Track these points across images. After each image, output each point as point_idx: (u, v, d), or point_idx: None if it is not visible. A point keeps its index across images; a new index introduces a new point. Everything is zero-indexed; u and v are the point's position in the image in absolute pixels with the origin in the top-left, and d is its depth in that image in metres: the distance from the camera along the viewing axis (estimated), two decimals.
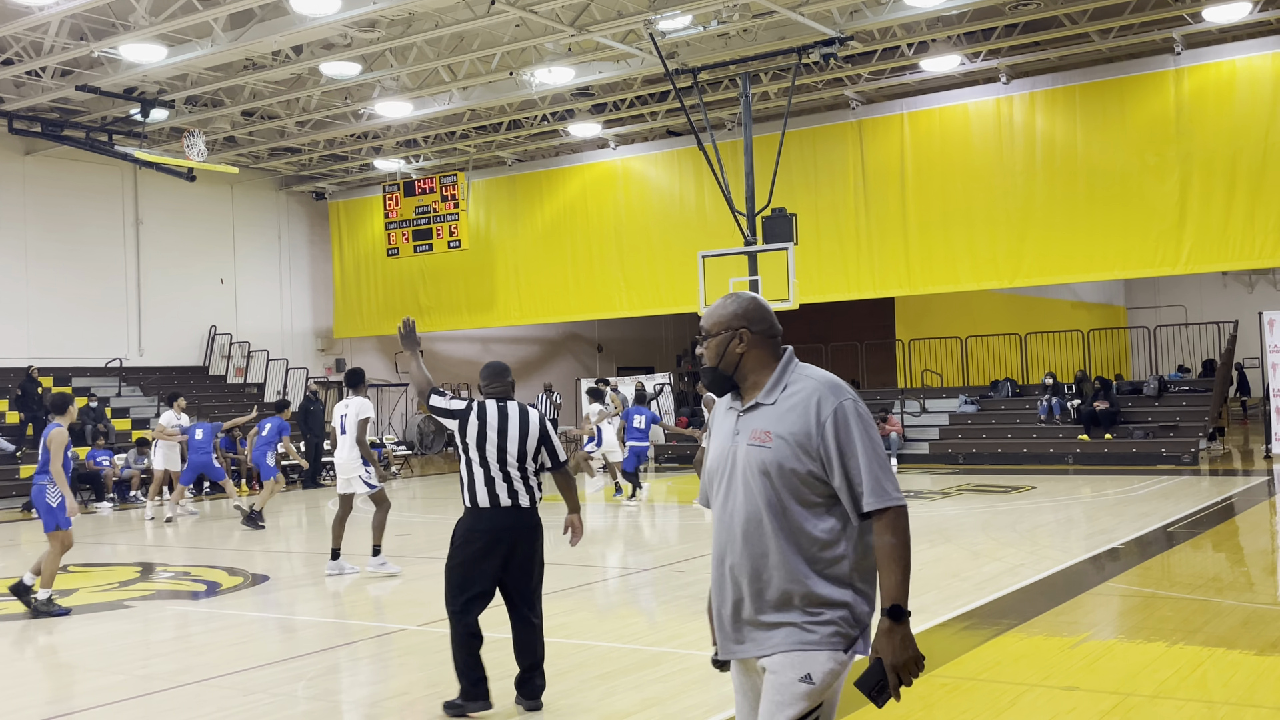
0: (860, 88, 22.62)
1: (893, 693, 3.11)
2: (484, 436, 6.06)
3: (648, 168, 25.68)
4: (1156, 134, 19.97)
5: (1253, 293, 34.01)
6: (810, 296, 22.07)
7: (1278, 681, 6.30)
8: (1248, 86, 19.30)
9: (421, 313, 28.79)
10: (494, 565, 6.00)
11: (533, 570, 6.13)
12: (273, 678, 7.05)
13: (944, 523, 13.93)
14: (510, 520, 6.02)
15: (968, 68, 21.18)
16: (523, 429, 6.11)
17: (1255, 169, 19.07)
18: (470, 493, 6.07)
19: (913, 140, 22.45)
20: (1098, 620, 8.26)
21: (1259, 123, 19.10)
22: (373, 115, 23.24)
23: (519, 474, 6.07)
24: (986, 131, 21.64)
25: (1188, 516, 13.65)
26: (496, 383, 6.33)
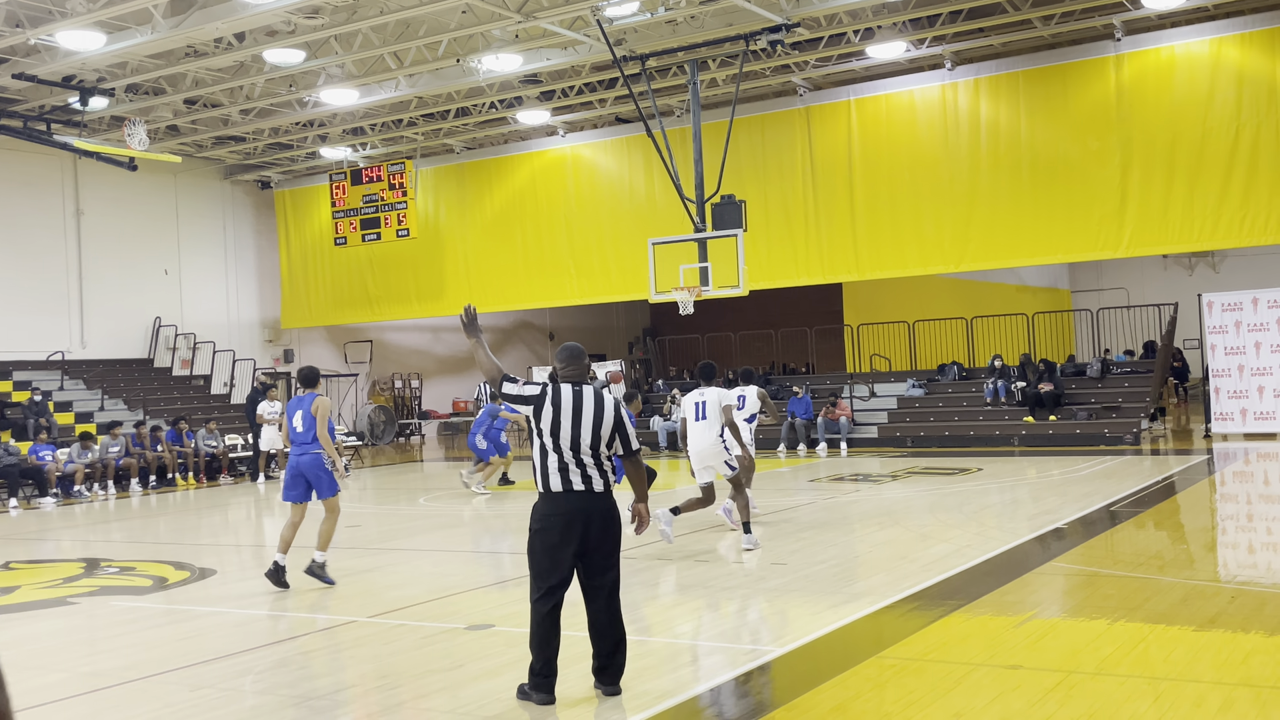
0: (808, 74, 22.71)
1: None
2: (558, 423, 5.98)
3: (597, 155, 25.64)
4: (1098, 119, 20.25)
5: (1192, 275, 34.63)
6: (760, 283, 22.18)
7: (1216, 656, 6.45)
8: (1186, 72, 19.62)
9: (370, 302, 28.59)
10: (571, 549, 5.93)
11: (610, 553, 6.06)
12: (221, 672, 6.99)
13: (892, 505, 14.09)
14: (585, 503, 5.96)
15: (913, 54, 21.34)
16: (597, 415, 6.04)
17: (1193, 154, 19.40)
18: (544, 478, 6.01)
19: (860, 127, 22.60)
20: (1042, 599, 8.39)
21: (1197, 108, 19.43)
22: (318, 103, 23.00)
23: (593, 459, 6.01)
24: (932, 118, 21.84)
25: (1130, 496, 13.90)
26: (573, 365, 6.22)
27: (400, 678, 6.72)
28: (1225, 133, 19.18)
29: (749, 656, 6.96)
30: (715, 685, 6.34)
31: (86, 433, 20.54)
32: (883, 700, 5.87)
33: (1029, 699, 5.70)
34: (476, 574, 10.24)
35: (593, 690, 6.09)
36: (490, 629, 7.85)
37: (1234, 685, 5.85)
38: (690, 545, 11.38)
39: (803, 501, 14.92)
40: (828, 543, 11.37)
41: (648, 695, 6.03)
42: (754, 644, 7.29)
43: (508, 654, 7.03)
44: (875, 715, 5.60)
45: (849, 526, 12.54)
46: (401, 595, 9.33)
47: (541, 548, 5.98)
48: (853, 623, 7.70)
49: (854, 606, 8.15)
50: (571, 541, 5.93)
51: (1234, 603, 7.76)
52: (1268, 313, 20.82)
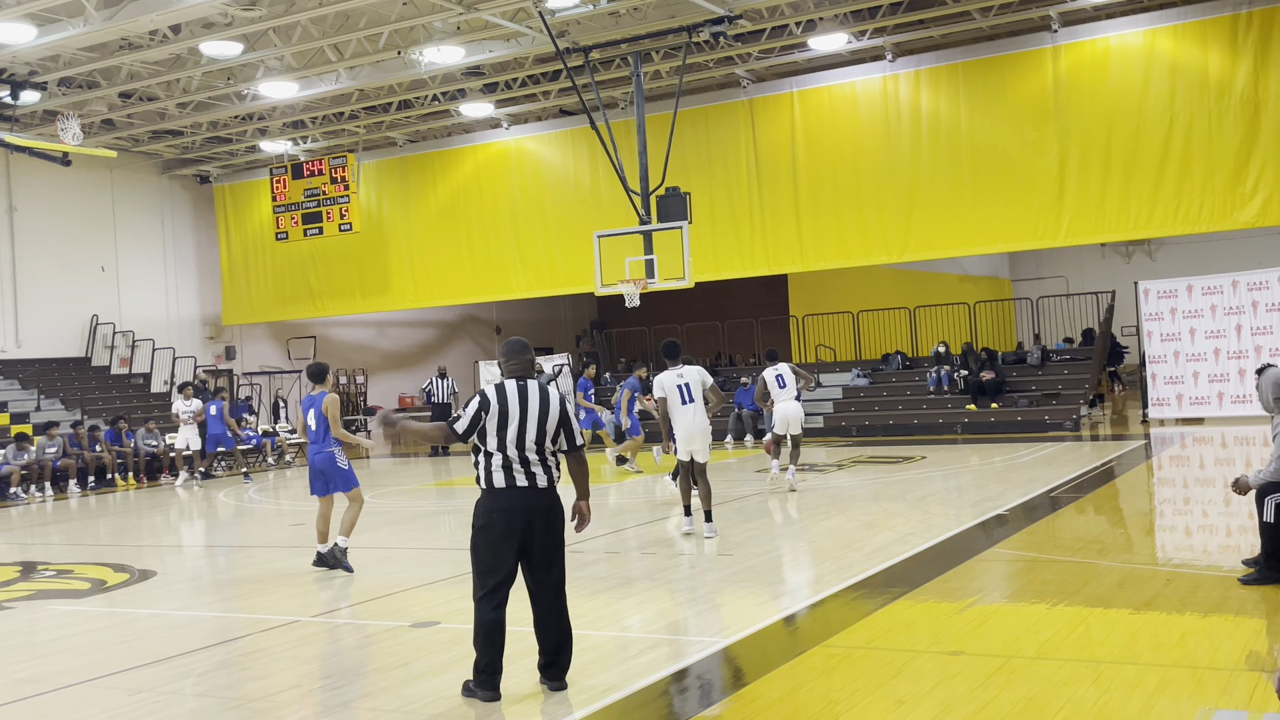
0: (750, 66, 22.78)
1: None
2: (505, 420, 5.91)
3: (541, 147, 25.55)
4: (1036, 110, 20.51)
5: (1129, 263, 35.21)
6: (706, 275, 22.24)
7: (1153, 637, 6.56)
8: (1121, 64, 19.93)
9: (313, 297, 28.29)
10: (514, 546, 5.88)
11: (555, 549, 6.00)
12: (160, 675, 6.88)
13: (838, 494, 14.20)
14: (529, 500, 5.91)
15: (854, 46, 21.47)
16: (543, 410, 5.97)
17: (1129, 144, 19.72)
18: (487, 474, 5.94)
19: (803, 118, 22.71)
20: (984, 585, 8.50)
21: (1132, 99, 19.74)
22: (257, 96, 22.68)
23: (537, 456, 5.94)
24: (874, 109, 22.00)
25: (1070, 481, 14.12)
26: (515, 360, 6.14)
27: (344, 677, 6.67)
28: (1159, 123, 19.51)
29: (695, 648, 6.97)
30: (661, 677, 6.35)
31: (22, 433, 20.13)
32: (828, 688, 5.91)
33: (970, 684, 5.77)
34: (422, 571, 10.17)
35: (538, 686, 6.08)
36: (436, 626, 7.80)
37: (1170, 666, 5.96)
38: (638, 538, 11.39)
39: (750, 492, 14.98)
40: (773, 532, 11.44)
41: (593, 689, 6.03)
42: (700, 635, 7.31)
43: (453, 651, 6.99)
44: (820, 703, 5.64)
45: (795, 516, 12.61)
46: (346, 593, 9.25)
47: (485, 545, 5.92)
48: (798, 612, 7.75)
49: (800, 596, 8.21)
50: (515, 538, 5.88)
51: (1169, 585, 7.90)
52: (1202, 299, 21.23)
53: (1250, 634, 6.56)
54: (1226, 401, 21.01)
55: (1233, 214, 19.03)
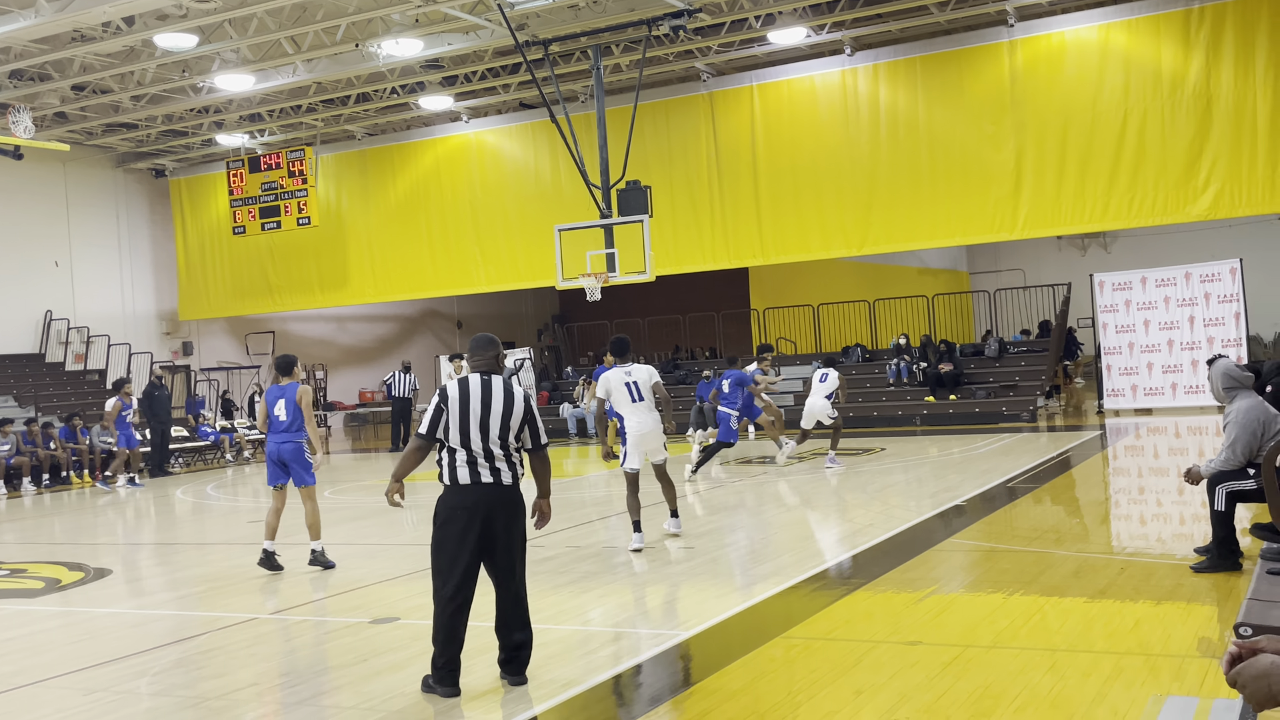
0: (710, 60, 22.80)
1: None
2: (466, 414, 5.89)
3: (502, 141, 25.45)
4: (992, 104, 20.67)
5: (1085, 256, 35.61)
6: (667, 268, 22.25)
7: (1107, 625, 6.65)
8: (1076, 58, 20.12)
9: (271, 292, 28.04)
10: (476, 543, 5.85)
11: (516, 546, 5.98)
12: (116, 675, 6.81)
13: (798, 486, 14.27)
14: (491, 495, 5.88)
15: (813, 40, 21.55)
16: (506, 406, 5.94)
17: (1084, 138, 19.92)
18: (450, 470, 5.90)
19: (762, 112, 22.76)
20: (942, 575, 8.57)
21: (1087, 93, 19.94)
22: (213, 89, 22.44)
23: (501, 451, 5.92)
24: (833, 103, 22.09)
25: (1027, 472, 14.27)
26: (480, 355, 6.12)
27: (302, 674, 6.62)
28: (1114, 117, 19.73)
29: (656, 641, 6.98)
30: (622, 670, 6.36)
31: None
32: (788, 679, 5.94)
33: (927, 674, 5.82)
34: (381, 567, 10.12)
35: (498, 681, 6.07)
36: (395, 622, 7.77)
37: (1124, 653, 6.04)
38: (600, 531, 11.39)
39: (712, 484, 15.03)
40: (735, 525, 11.48)
41: (553, 684, 6.02)
42: (661, 628, 7.32)
43: (413, 647, 6.97)
44: (781, 694, 5.66)
45: (756, 508, 12.66)
46: (304, 590, 9.19)
47: (446, 541, 5.90)
48: (759, 604, 7.78)
49: (760, 587, 8.23)
50: (476, 534, 5.85)
51: (1124, 574, 8.01)
52: (1156, 291, 21.51)
53: (1202, 621, 6.67)
54: (1180, 392, 21.31)
55: (1185, 207, 19.28)
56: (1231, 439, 7.67)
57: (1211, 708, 5.03)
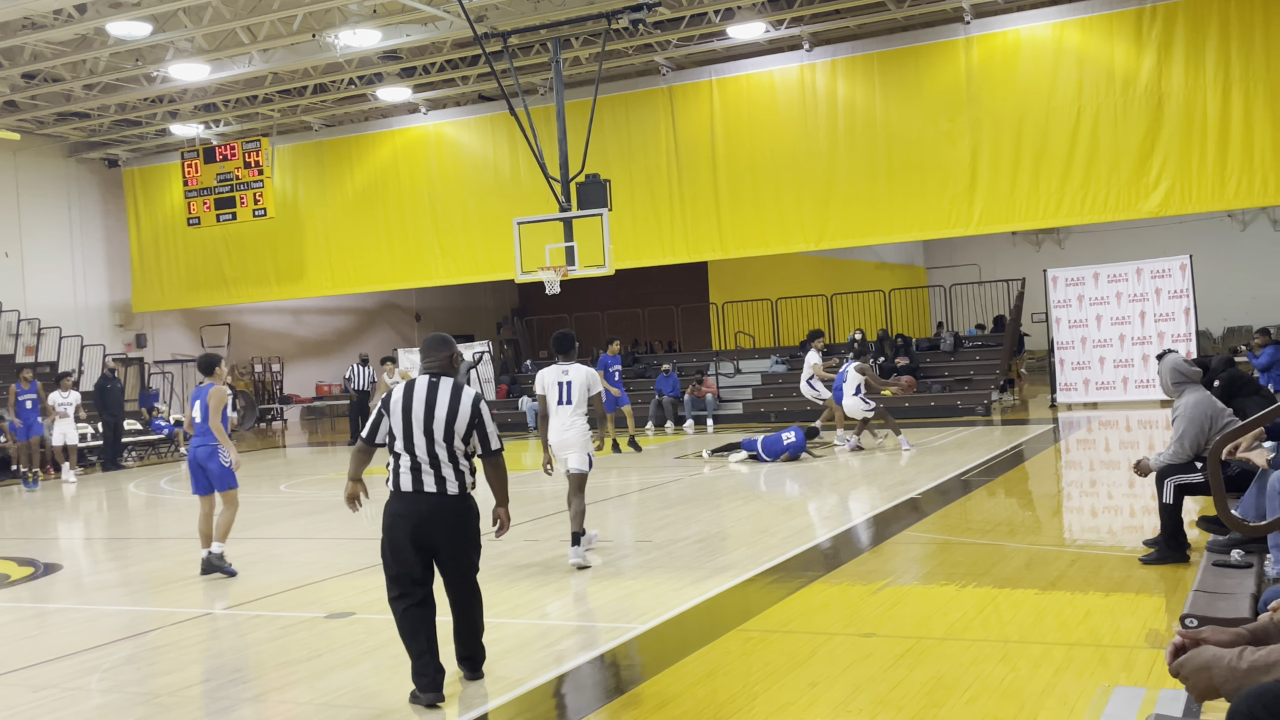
0: (670, 54, 22.81)
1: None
2: (409, 419, 5.70)
3: (461, 133, 25.33)
4: (949, 101, 20.83)
5: (1039, 251, 36.03)
6: (626, 262, 22.25)
7: (1058, 616, 6.74)
8: (1031, 55, 20.32)
9: (227, 284, 27.76)
10: (417, 553, 5.67)
11: (464, 554, 5.79)
12: (66, 671, 6.73)
13: (755, 480, 14.34)
14: (432, 507, 5.67)
15: (772, 35, 21.61)
16: (451, 410, 5.71)
17: (1039, 134, 20.13)
18: (394, 476, 5.74)
19: (722, 107, 22.80)
20: (897, 568, 8.65)
21: (1042, 90, 20.14)
22: (167, 78, 22.14)
23: (447, 457, 5.69)
24: (791, 98, 22.17)
25: (981, 465, 14.43)
26: (431, 357, 5.92)
27: (256, 670, 6.58)
28: (1067, 114, 19.94)
29: (613, 634, 7.00)
30: (579, 664, 6.37)
31: None
32: (745, 671, 5.97)
33: (880, 665, 5.88)
34: (337, 561, 10.06)
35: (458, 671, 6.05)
36: (351, 617, 7.74)
37: (1074, 644, 6.13)
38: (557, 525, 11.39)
39: (670, 478, 15.07)
40: (692, 518, 11.51)
41: (510, 678, 6.02)
42: (617, 622, 7.34)
43: (368, 642, 6.94)
44: (736, 687, 5.70)
45: (714, 502, 12.71)
46: (259, 585, 9.12)
47: (389, 549, 5.76)
48: (715, 597, 7.82)
49: (717, 581, 8.27)
50: (418, 544, 5.68)
51: (1075, 565, 8.12)
52: (1108, 287, 21.80)
53: (1150, 612, 6.78)
54: (1131, 386, 21.61)
55: (1137, 204, 19.54)
56: (1180, 433, 7.79)
57: (1158, 697, 5.12)
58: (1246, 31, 18.61)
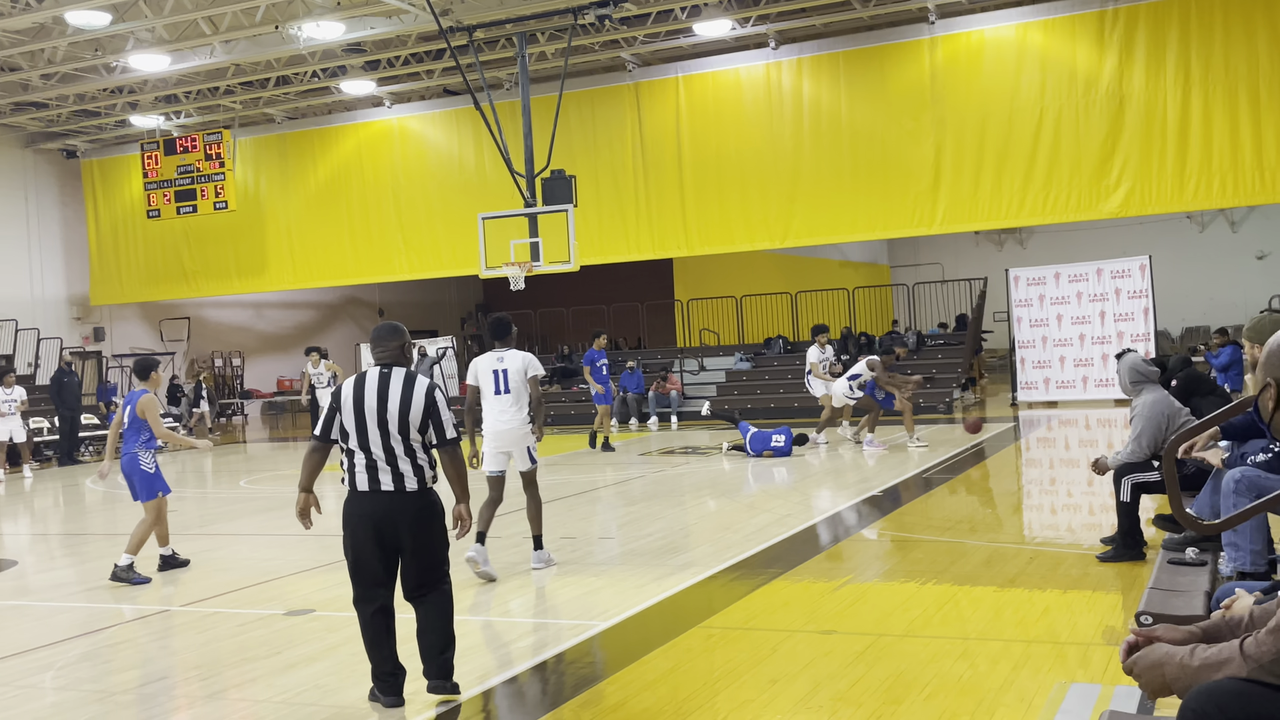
0: (636, 50, 22.80)
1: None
2: (361, 413, 5.46)
3: (425, 127, 25.20)
4: (913, 100, 20.95)
5: (1001, 250, 36.32)
6: (591, 258, 22.23)
7: (1015, 613, 6.80)
8: (995, 56, 20.48)
9: (187, 278, 27.49)
10: (380, 553, 5.43)
11: (429, 554, 5.51)
12: (19, 669, 6.63)
13: (718, 477, 14.37)
14: (391, 506, 5.41)
15: (738, 33, 21.65)
16: (404, 401, 5.47)
17: (1001, 135, 20.29)
18: (350, 474, 5.49)
19: (688, 104, 22.82)
20: (858, 565, 8.70)
21: (1005, 91, 20.30)
22: (127, 69, 21.89)
23: (404, 452, 5.44)
24: (757, 96, 22.22)
25: (942, 462, 14.52)
26: (381, 347, 5.67)
27: (214, 667, 6.51)
28: (1030, 115, 20.12)
29: (575, 631, 6.99)
30: (541, 661, 6.35)
31: None
32: (706, 669, 5.98)
33: (840, 662, 5.91)
34: (297, 558, 9.97)
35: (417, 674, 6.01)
36: (310, 614, 7.67)
37: (1032, 641, 6.18)
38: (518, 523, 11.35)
39: (634, 475, 15.07)
40: (655, 515, 11.52)
41: (471, 675, 5.99)
42: (579, 619, 7.32)
43: (328, 639, 6.89)
44: (698, 684, 5.70)
45: (677, 498, 12.72)
46: (218, 582, 9.03)
47: (350, 550, 5.53)
48: (678, 594, 7.82)
49: (679, 578, 8.27)
50: (379, 545, 5.44)
51: (1033, 563, 8.19)
52: (1069, 287, 22.02)
53: (1106, 609, 6.85)
54: (1091, 385, 21.84)
55: (1098, 204, 19.74)
56: (1137, 431, 7.87)
57: (1113, 694, 5.17)
58: (1206, 36, 18.84)
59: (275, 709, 5.66)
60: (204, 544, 10.97)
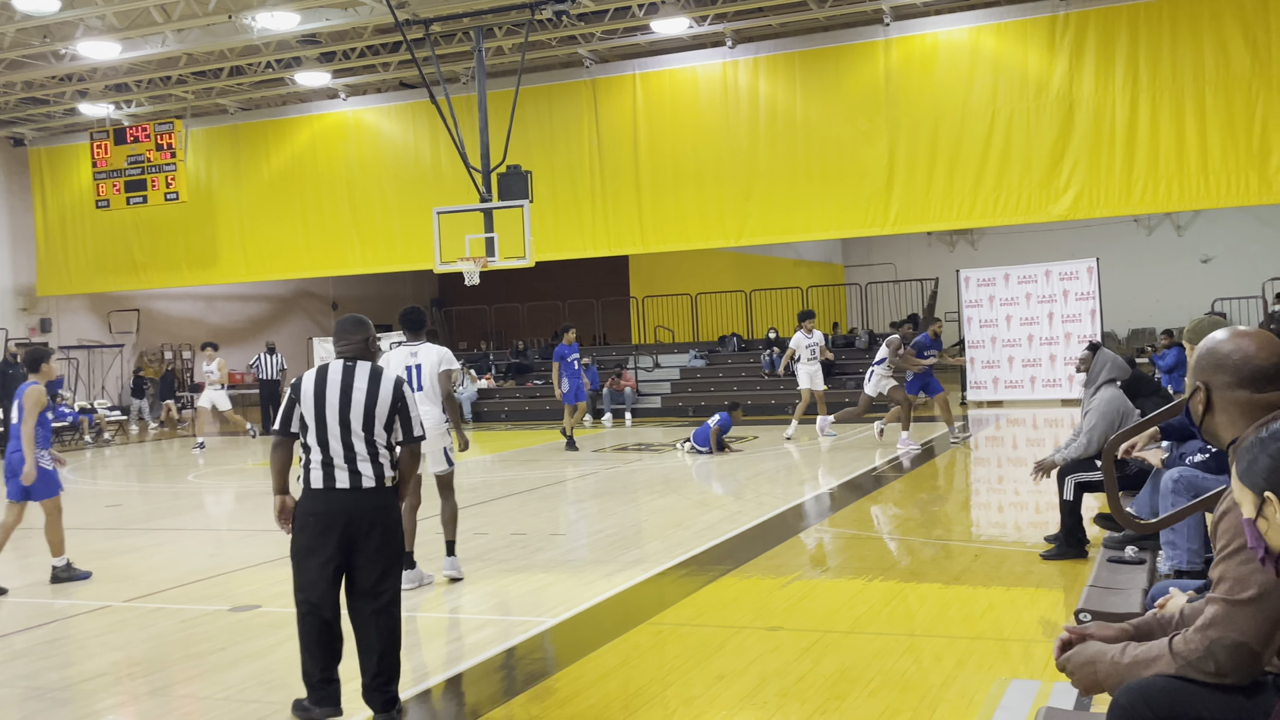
0: (594, 46, 22.77)
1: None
2: (321, 408, 5.21)
3: (380, 120, 25.02)
4: (868, 101, 21.08)
5: (953, 251, 36.67)
6: (547, 254, 22.16)
7: (960, 610, 6.89)
8: (948, 59, 20.65)
9: (136, 269, 27.10)
10: (331, 555, 5.13)
11: (384, 559, 5.22)
12: None
13: (671, 474, 14.41)
14: (349, 504, 5.16)
15: (696, 31, 21.69)
16: (370, 396, 5.25)
17: (954, 137, 20.47)
18: (305, 471, 5.25)
19: (645, 101, 22.83)
20: (806, 561, 8.77)
21: (958, 93, 20.48)
22: (76, 56, 21.52)
23: (366, 448, 5.21)
24: (714, 94, 22.26)
25: (892, 460, 14.66)
26: (345, 340, 5.45)
27: (156, 663, 6.44)
28: (982, 118, 20.31)
29: (524, 627, 6.99)
30: (489, 657, 6.35)
31: None
32: (655, 664, 6.00)
33: (787, 658, 5.96)
34: (243, 553, 9.89)
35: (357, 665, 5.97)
36: (256, 610, 7.62)
37: (975, 638, 6.26)
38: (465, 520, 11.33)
39: (587, 471, 15.07)
40: (607, 512, 11.54)
41: (419, 670, 5.98)
42: (529, 615, 7.33)
43: (273, 635, 6.84)
44: (645, 680, 5.73)
45: (629, 495, 12.75)
46: (162, 577, 8.93)
47: (301, 552, 5.23)
48: (627, 590, 7.85)
49: (630, 574, 8.30)
50: (333, 547, 5.15)
51: (978, 560, 8.30)
52: (1018, 288, 22.29)
53: (1049, 606, 6.96)
54: (1038, 385, 22.13)
55: (1047, 207, 19.97)
56: (1090, 426, 7.98)
57: (1052, 690, 5.26)
58: (1154, 43, 19.12)
59: (220, 705, 5.62)
60: (147, 539, 10.86)
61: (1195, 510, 4.66)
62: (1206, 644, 2.69)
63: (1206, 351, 2.90)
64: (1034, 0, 19.94)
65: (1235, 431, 2.80)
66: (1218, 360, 2.86)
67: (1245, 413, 2.80)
